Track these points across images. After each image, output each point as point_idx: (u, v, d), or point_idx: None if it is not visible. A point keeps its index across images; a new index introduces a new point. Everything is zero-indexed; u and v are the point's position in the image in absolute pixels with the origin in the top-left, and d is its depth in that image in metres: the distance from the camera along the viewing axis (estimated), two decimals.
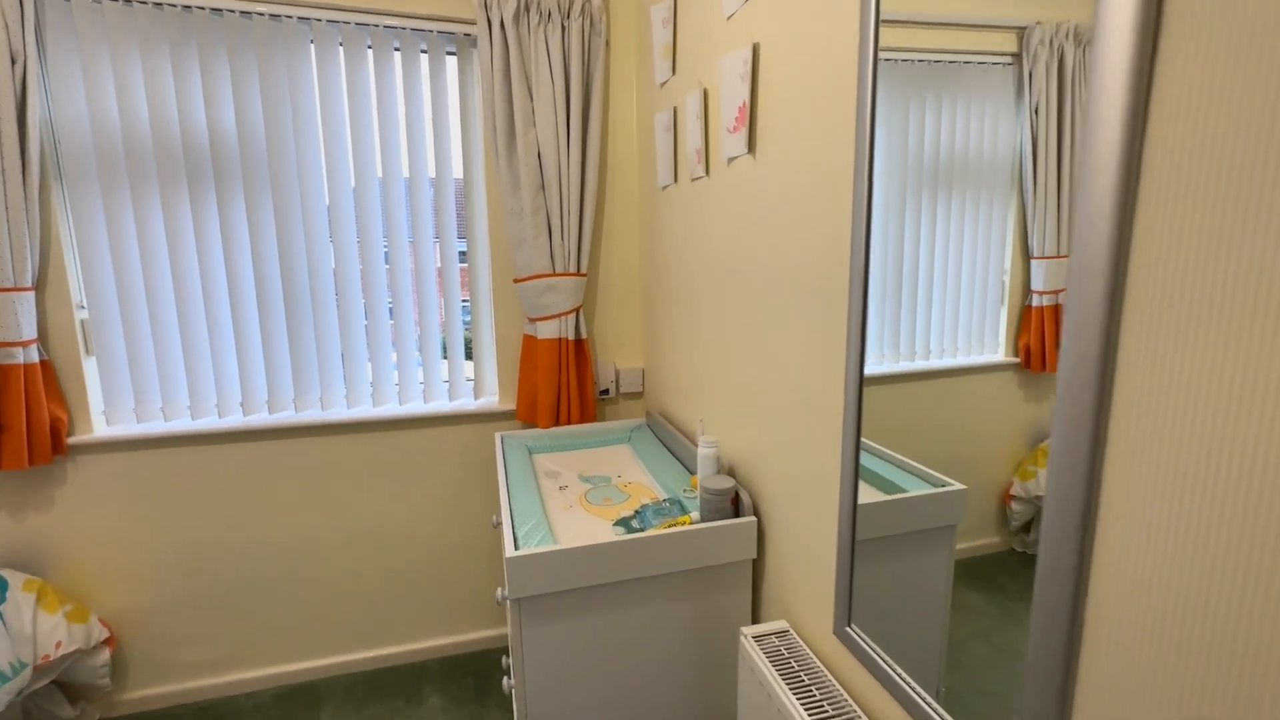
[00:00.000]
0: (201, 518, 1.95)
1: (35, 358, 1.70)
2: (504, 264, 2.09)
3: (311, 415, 2.00)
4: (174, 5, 1.72)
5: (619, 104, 2.10)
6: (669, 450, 1.83)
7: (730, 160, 1.36)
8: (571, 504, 1.53)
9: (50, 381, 1.75)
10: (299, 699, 2.04)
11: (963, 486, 0.96)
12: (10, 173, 1.60)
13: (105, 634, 1.85)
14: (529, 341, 2.07)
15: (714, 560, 1.30)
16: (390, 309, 2.04)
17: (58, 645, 1.70)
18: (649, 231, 2.06)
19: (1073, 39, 0.63)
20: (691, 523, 1.31)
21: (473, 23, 1.93)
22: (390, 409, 2.08)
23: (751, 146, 1.24)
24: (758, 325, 1.29)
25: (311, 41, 1.85)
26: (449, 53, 1.99)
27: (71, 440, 1.79)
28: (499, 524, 1.72)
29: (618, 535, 1.34)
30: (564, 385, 2.05)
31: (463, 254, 2.11)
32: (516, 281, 2.01)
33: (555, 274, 2.00)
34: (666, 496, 1.51)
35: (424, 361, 2.11)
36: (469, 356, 2.21)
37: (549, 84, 1.91)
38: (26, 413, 1.68)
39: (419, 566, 2.17)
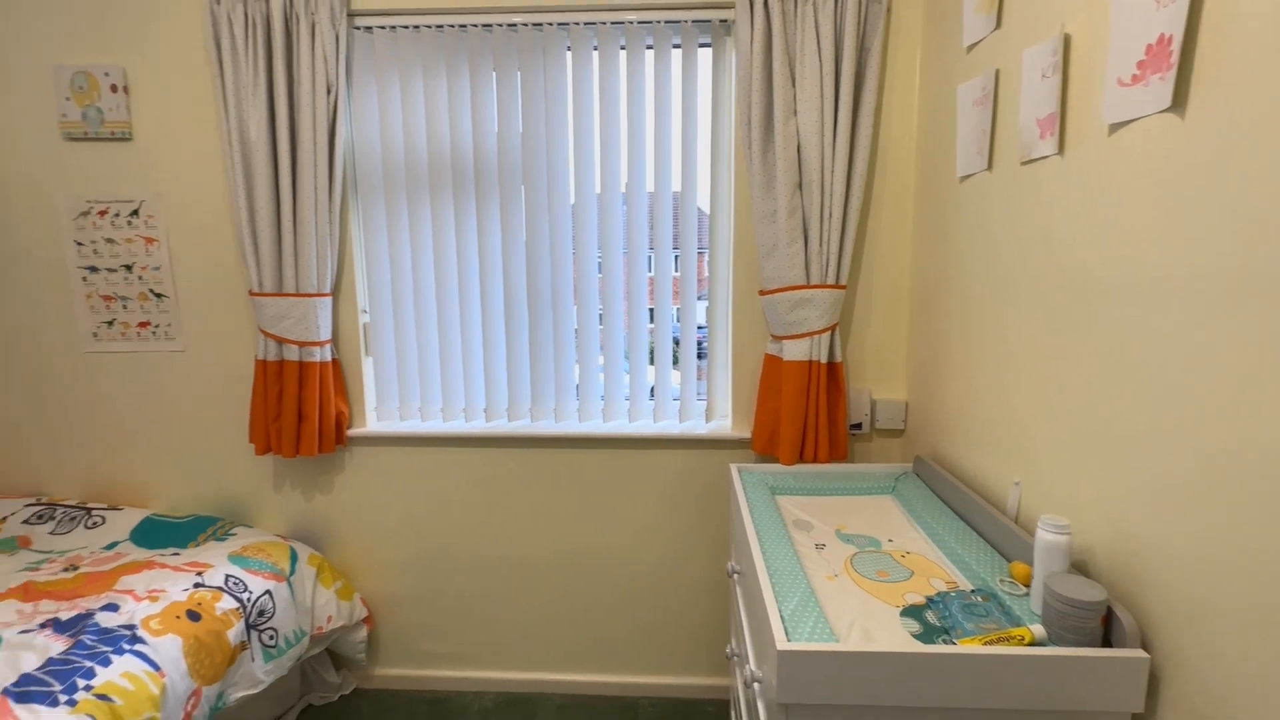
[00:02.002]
0: (441, 516, 2.02)
1: (329, 356, 1.89)
2: (747, 274, 1.85)
3: (546, 426, 1.97)
4: (453, 26, 1.80)
5: (896, 81, 1.75)
6: (955, 512, 1.43)
7: (1116, 126, 0.95)
8: (836, 571, 1.22)
9: (338, 378, 1.94)
10: (517, 709, 2.02)
11: None
12: (320, 192, 1.79)
13: (365, 613, 2.00)
14: (771, 362, 1.81)
15: (1069, 705, 0.89)
16: (624, 318, 1.94)
17: (329, 619, 1.87)
18: (931, 234, 1.66)
19: None
20: (1034, 640, 0.92)
21: (731, 5, 1.74)
22: (619, 425, 1.97)
23: (1179, 99, 0.83)
24: (1183, 357, 0.86)
25: (569, 48, 1.82)
26: (703, 44, 1.82)
27: (350, 432, 1.97)
28: (737, 574, 1.49)
29: (910, 631, 1.01)
30: (811, 415, 1.74)
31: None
32: (763, 294, 1.76)
33: (809, 285, 1.71)
34: (975, 587, 1.13)
35: (655, 377, 1.97)
36: (700, 377, 2.02)
37: (815, 65, 1.63)
38: (319, 405, 1.87)
39: (637, 597, 2.03)
